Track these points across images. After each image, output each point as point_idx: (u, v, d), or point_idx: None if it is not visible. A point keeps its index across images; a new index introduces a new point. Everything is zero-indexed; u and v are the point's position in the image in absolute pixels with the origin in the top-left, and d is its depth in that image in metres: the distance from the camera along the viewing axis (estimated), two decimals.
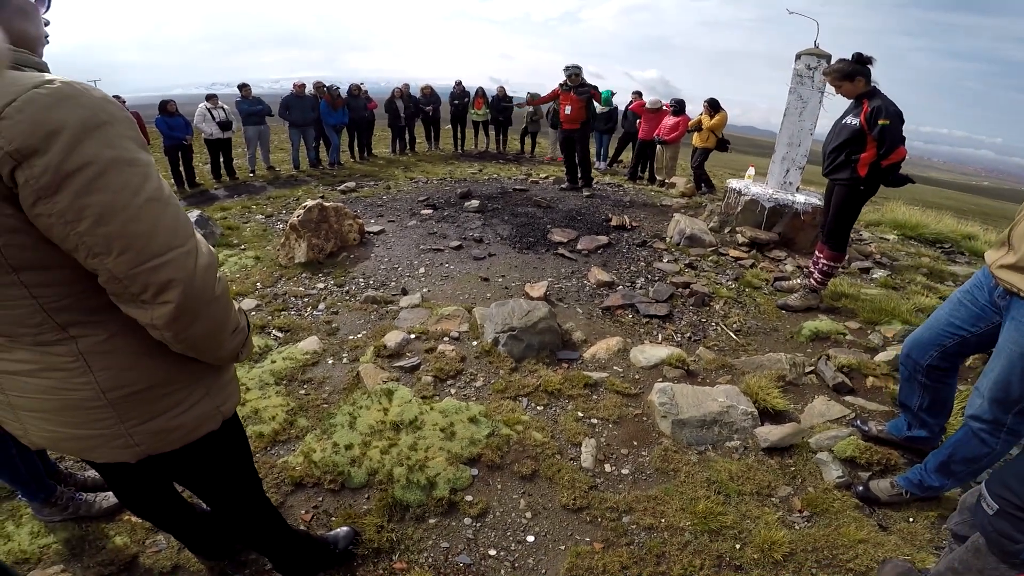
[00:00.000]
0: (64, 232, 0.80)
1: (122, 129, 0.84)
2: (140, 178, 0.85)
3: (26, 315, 0.90)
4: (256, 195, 8.00)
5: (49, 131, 0.75)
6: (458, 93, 12.19)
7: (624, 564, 1.88)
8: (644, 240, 5.38)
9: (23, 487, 1.89)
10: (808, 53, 5.15)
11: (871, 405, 2.79)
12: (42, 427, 1.03)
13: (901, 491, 2.15)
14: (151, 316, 0.91)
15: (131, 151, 0.85)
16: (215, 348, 1.05)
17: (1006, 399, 1.76)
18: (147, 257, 0.85)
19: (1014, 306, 1.73)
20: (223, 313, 1.02)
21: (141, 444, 1.07)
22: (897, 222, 7.06)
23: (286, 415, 2.63)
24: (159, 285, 0.87)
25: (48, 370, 0.96)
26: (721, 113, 8.21)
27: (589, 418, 2.69)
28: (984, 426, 1.85)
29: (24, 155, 0.75)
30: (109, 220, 0.81)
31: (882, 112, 3.13)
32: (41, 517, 1.97)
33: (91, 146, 0.79)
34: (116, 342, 0.98)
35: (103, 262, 0.83)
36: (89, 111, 0.80)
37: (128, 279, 0.85)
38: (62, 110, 0.77)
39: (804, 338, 3.54)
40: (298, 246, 4.77)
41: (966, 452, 1.93)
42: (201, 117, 8.51)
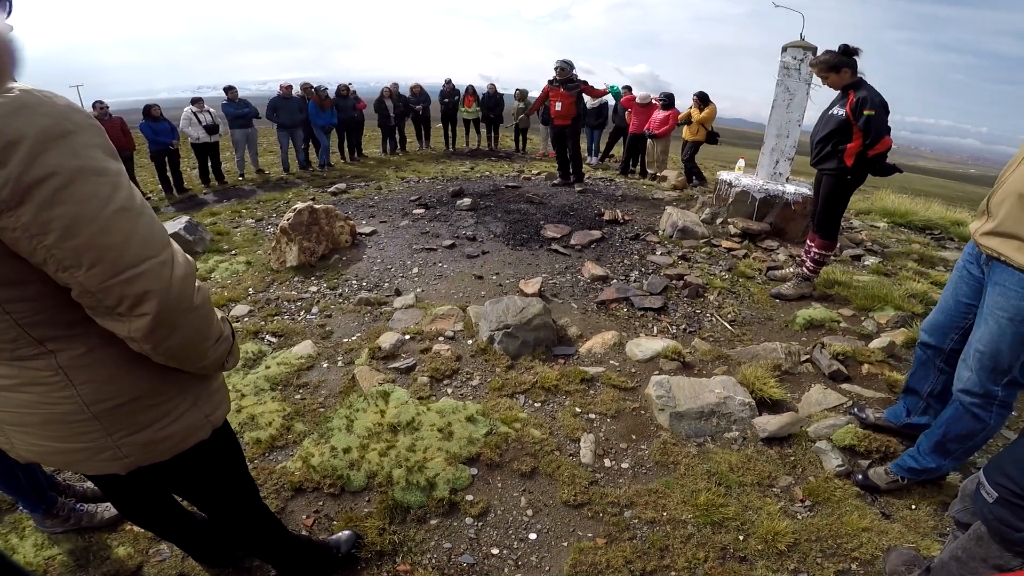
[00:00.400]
0: (31, 246, 0.78)
1: (88, 138, 0.81)
2: (109, 188, 0.82)
3: (1, 331, 0.88)
4: (246, 199, 7.94)
5: (7, 141, 0.72)
6: (448, 91, 12.13)
7: (628, 558, 1.88)
8: (637, 233, 5.38)
9: (24, 499, 1.87)
10: (794, 46, 5.18)
11: (868, 392, 2.80)
12: (27, 441, 1.02)
13: (896, 478, 2.16)
14: (128, 329, 0.88)
15: (99, 160, 0.82)
16: (197, 358, 1.03)
17: (995, 368, 1.76)
18: (120, 269, 0.83)
19: (996, 271, 1.75)
20: (203, 323, 0.99)
21: (130, 456, 1.05)
22: (887, 210, 7.10)
23: (283, 420, 2.61)
24: (134, 297, 0.85)
25: (28, 384, 0.94)
26: (710, 106, 8.22)
27: (587, 413, 2.68)
28: (975, 400, 1.85)
29: None
30: (77, 232, 0.78)
31: (867, 103, 3.17)
32: (43, 529, 1.95)
33: (54, 156, 0.76)
34: (96, 355, 0.96)
35: (74, 275, 0.81)
36: (51, 120, 0.77)
37: (101, 292, 0.83)
38: (20, 119, 0.74)
39: (798, 327, 3.55)
40: (289, 250, 4.73)
41: (960, 429, 1.93)
42: (187, 121, 8.44)
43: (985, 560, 1.27)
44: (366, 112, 11.18)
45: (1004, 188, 1.70)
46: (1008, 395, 1.80)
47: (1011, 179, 1.68)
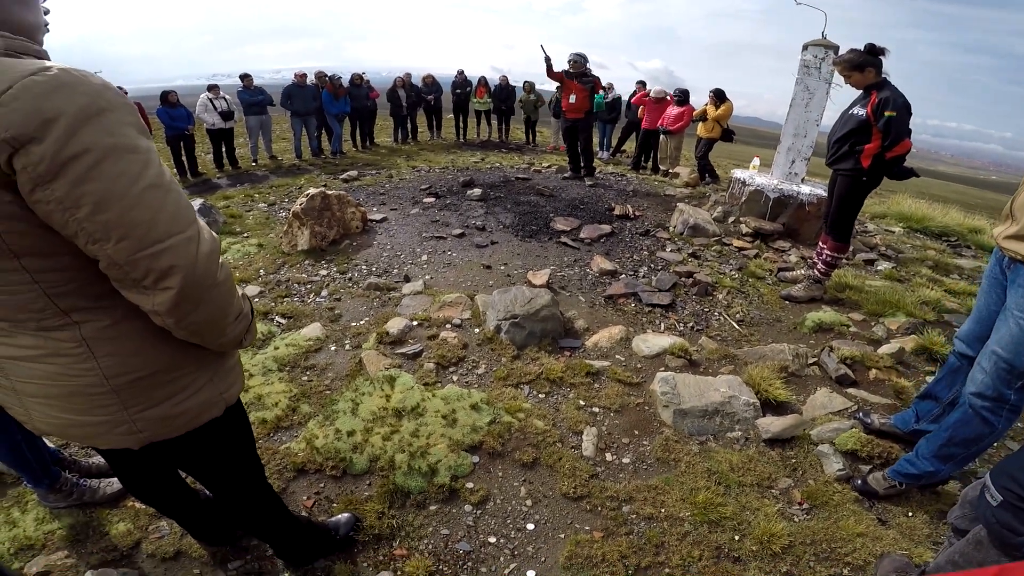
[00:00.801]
0: (63, 219, 0.80)
1: (122, 116, 0.83)
2: (140, 165, 0.84)
3: (29, 300, 0.89)
4: (259, 184, 7.99)
5: (45, 119, 0.75)
6: (460, 82, 12.11)
7: (623, 553, 1.88)
8: (647, 229, 5.35)
9: (28, 473, 1.90)
10: (815, 44, 5.10)
11: (874, 398, 2.77)
12: (46, 413, 1.03)
13: (895, 483, 2.15)
14: (153, 302, 0.90)
15: (131, 138, 0.84)
16: (217, 334, 1.04)
17: (1010, 371, 1.75)
18: (147, 244, 0.85)
19: (1018, 273, 1.74)
20: (225, 299, 1.01)
21: (144, 431, 1.07)
22: (903, 214, 7.01)
23: (289, 401, 2.64)
24: (160, 271, 0.87)
25: (52, 356, 0.95)
26: (727, 103, 8.14)
27: (591, 407, 2.69)
28: (987, 403, 1.83)
29: (20, 143, 0.74)
30: (108, 207, 0.81)
31: (889, 103, 3.10)
32: (46, 503, 1.98)
33: (89, 133, 0.78)
34: (119, 328, 0.97)
35: (103, 248, 0.83)
36: (87, 98, 0.79)
37: (128, 265, 0.85)
38: (59, 97, 0.76)
39: (807, 329, 3.53)
40: (301, 234, 4.76)
41: (967, 433, 1.91)
42: (203, 107, 8.52)
43: (983, 564, 1.28)
44: (379, 101, 11.20)
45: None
46: (1020, 400, 1.79)
47: None
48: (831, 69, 5.06)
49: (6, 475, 2.14)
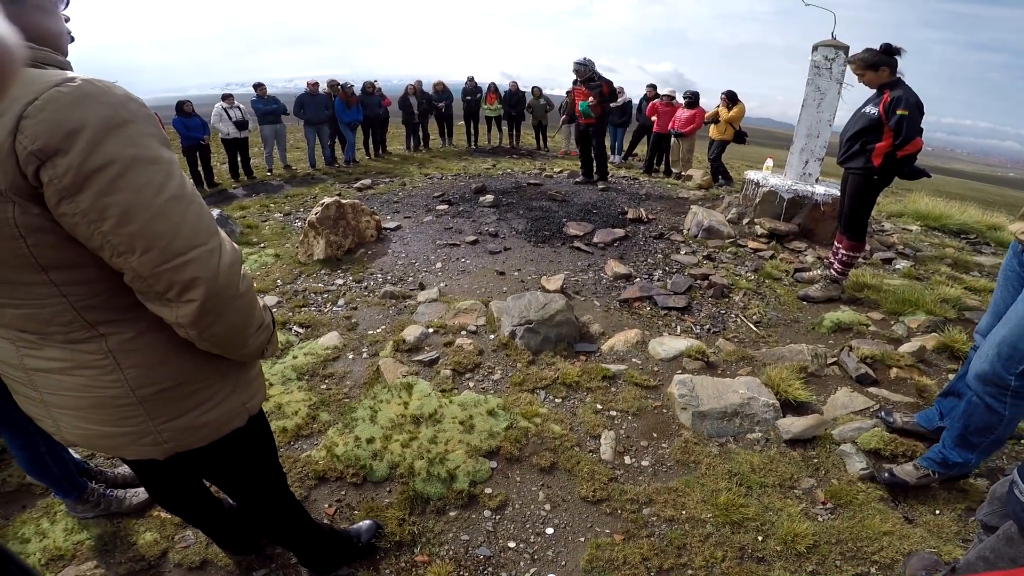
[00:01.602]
0: (89, 231, 0.81)
1: (144, 127, 0.83)
2: (162, 176, 0.84)
3: (56, 313, 0.90)
4: (274, 193, 8.10)
5: (70, 130, 0.75)
6: (470, 89, 12.19)
7: (645, 556, 1.88)
8: (661, 232, 5.34)
9: (55, 485, 1.92)
10: (825, 45, 5.09)
11: (895, 396, 2.74)
12: (74, 424, 1.04)
13: (928, 472, 2.12)
14: (176, 314, 0.91)
15: (153, 149, 0.84)
16: (240, 345, 1.05)
17: (1012, 356, 1.74)
18: (170, 256, 0.85)
19: None
20: (247, 310, 1.02)
21: (169, 442, 1.08)
22: (920, 213, 6.91)
23: (308, 410, 2.67)
24: (183, 283, 0.87)
25: (79, 368, 0.97)
26: (739, 105, 8.11)
27: (608, 410, 2.68)
28: (988, 389, 1.82)
29: (47, 154, 0.75)
30: (132, 219, 0.81)
31: (901, 102, 3.10)
32: (74, 514, 2.01)
33: (113, 145, 0.78)
34: (144, 340, 0.98)
35: (127, 261, 0.83)
36: (111, 109, 0.79)
37: (152, 278, 0.85)
38: (83, 108, 0.76)
39: (826, 329, 3.49)
40: (317, 243, 4.81)
41: (978, 422, 1.90)
42: (218, 117, 8.61)
43: (1014, 560, 1.25)
44: (390, 109, 11.28)
45: None
46: (1021, 385, 1.77)
47: None
48: (842, 69, 5.03)
49: (35, 486, 2.18)
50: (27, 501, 2.14)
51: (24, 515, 2.06)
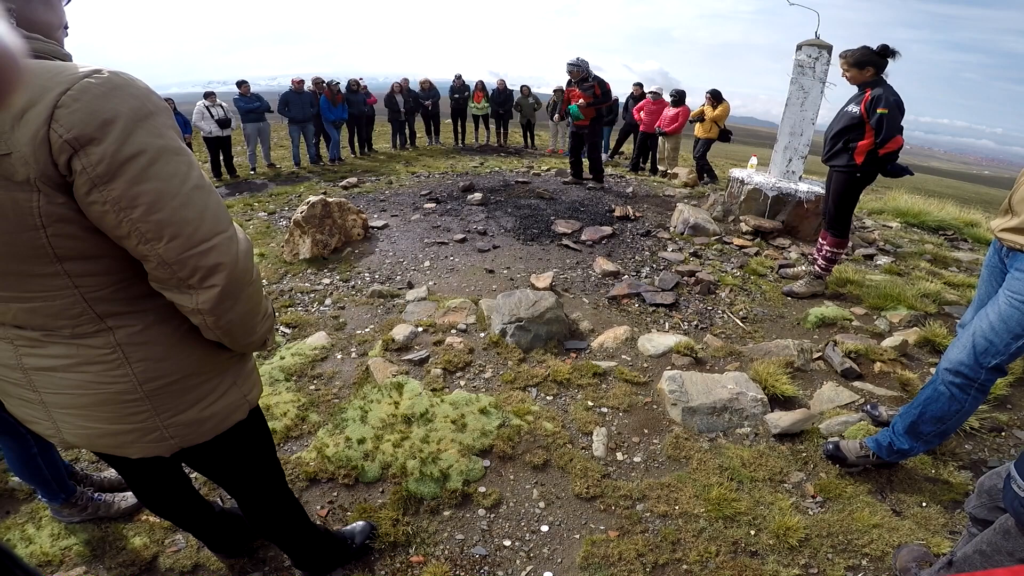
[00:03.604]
0: (117, 219, 0.82)
1: (165, 119, 0.86)
2: (186, 166, 0.87)
3: (66, 306, 0.90)
4: (258, 192, 7.99)
5: (104, 119, 0.77)
6: (458, 87, 12.17)
7: (640, 551, 1.89)
8: (648, 230, 5.37)
9: (44, 487, 1.88)
10: (809, 44, 5.16)
11: (880, 390, 2.79)
12: (76, 424, 1.03)
13: (869, 452, 2.18)
14: (196, 301, 0.92)
15: (175, 140, 0.87)
16: (248, 332, 1.06)
17: (987, 349, 1.80)
18: (197, 241, 0.87)
19: (1017, 260, 1.79)
20: (257, 297, 1.04)
21: (175, 437, 1.08)
22: (900, 210, 7.04)
23: (297, 411, 2.64)
24: (207, 269, 0.89)
25: (84, 364, 0.96)
26: (723, 104, 8.20)
27: (599, 407, 2.70)
28: (956, 380, 1.88)
29: (81, 143, 0.76)
30: (162, 207, 0.83)
31: (881, 101, 3.19)
32: (60, 518, 1.97)
33: (143, 135, 0.81)
34: (150, 333, 0.99)
35: (154, 248, 0.85)
36: (139, 100, 0.81)
37: (178, 264, 0.87)
38: (115, 99, 0.78)
39: (811, 324, 3.55)
40: (302, 242, 4.76)
41: (936, 410, 1.95)
42: (200, 115, 8.48)
43: (1012, 554, 1.27)
44: (376, 107, 11.22)
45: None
46: (988, 380, 1.84)
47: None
48: (825, 68, 5.11)
49: (18, 491, 2.13)
50: (10, 506, 2.08)
51: (8, 520, 2.01)
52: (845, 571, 1.84)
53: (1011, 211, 1.82)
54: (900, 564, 1.81)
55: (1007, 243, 1.82)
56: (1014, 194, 1.80)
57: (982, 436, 2.48)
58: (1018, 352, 1.77)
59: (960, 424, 1.99)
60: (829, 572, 1.84)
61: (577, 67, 6.83)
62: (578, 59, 6.90)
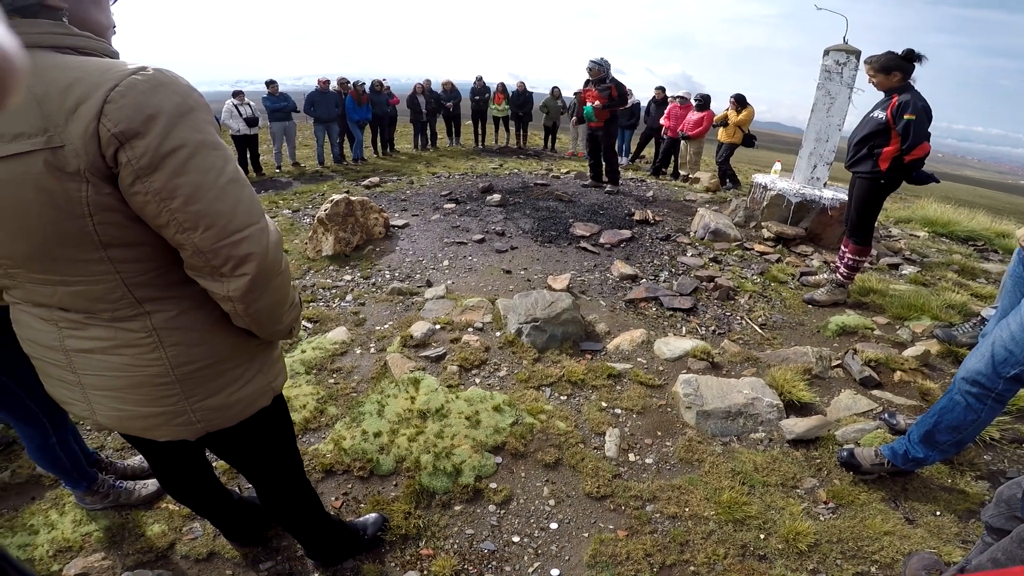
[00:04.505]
0: (157, 209, 0.86)
1: (205, 115, 0.91)
2: (222, 161, 0.91)
3: (108, 290, 0.95)
4: (283, 190, 8.15)
5: (149, 115, 0.81)
6: (479, 88, 12.24)
7: (648, 552, 1.90)
8: (668, 234, 5.35)
9: (65, 475, 1.93)
10: (837, 49, 5.09)
11: (899, 399, 2.75)
12: (110, 406, 1.08)
13: (884, 460, 2.16)
14: (228, 288, 0.96)
15: (213, 135, 0.91)
16: (276, 320, 1.10)
17: (1006, 359, 1.76)
18: (230, 232, 0.92)
19: None
20: (286, 286, 1.08)
21: (201, 421, 1.12)
22: (927, 219, 6.89)
23: (316, 403, 2.70)
24: (239, 258, 0.94)
25: (122, 347, 1.01)
26: (748, 108, 8.12)
27: (613, 408, 2.71)
28: (973, 389, 1.85)
29: (127, 137, 0.81)
30: (199, 198, 0.88)
31: (909, 107, 3.13)
32: (83, 505, 2.02)
33: (183, 130, 0.85)
34: (185, 318, 1.03)
35: (190, 237, 0.89)
36: (181, 97, 0.86)
37: (211, 252, 0.91)
38: (159, 95, 0.83)
39: (831, 332, 3.50)
40: (325, 239, 4.86)
41: (952, 420, 1.92)
42: (228, 113, 8.67)
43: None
44: (398, 108, 11.34)
45: None
46: (1007, 390, 1.80)
47: None
48: (853, 73, 5.04)
49: (45, 478, 2.20)
50: (36, 492, 2.16)
51: (33, 506, 2.08)
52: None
53: None
54: (910, 572, 1.79)
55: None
56: None
57: (1002, 447, 2.43)
58: None
59: (977, 434, 1.96)
60: None
61: (599, 66, 6.69)
62: (601, 59, 6.77)
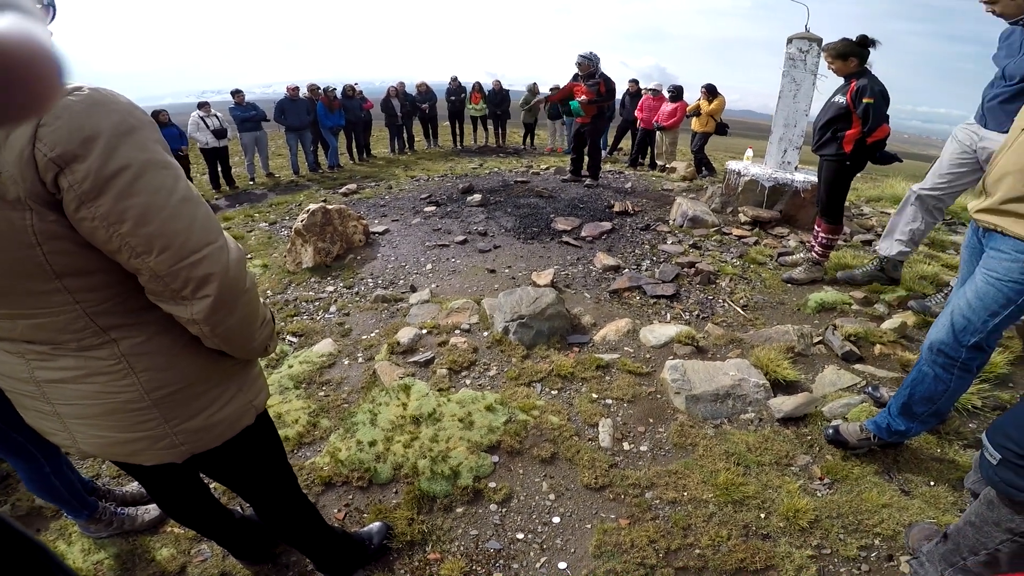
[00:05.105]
0: (107, 234, 0.83)
1: (150, 133, 0.87)
2: (172, 179, 0.88)
3: (70, 320, 0.92)
4: (258, 203, 8.04)
5: (87, 136, 0.77)
6: (454, 89, 12.19)
7: (652, 538, 1.92)
8: (648, 224, 5.41)
9: (65, 505, 1.91)
10: (799, 37, 5.23)
11: (881, 372, 2.82)
12: (90, 434, 1.06)
13: (869, 435, 2.22)
14: (191, 311, 0.94)
15: (161, 154, 0.87)
16: (248, 339, 1.08)
17: (966, 327, 1.83)
18: (186, 253, 0.89)
19: (994, 240, 1.82)
20: (254, 304, 1.06)
21: (185, 443, 1.11)
22: (897, 197, 7.04)
23: (308, 417, 2.68)
24: (199, 280, 0.91)
25: (92, 375, 0.98)
26: (719, 98, 8.24)
27: (604, 399, 2.73)
28: (939, 359, 1.91)
29: (66, 161, 0.77)
30: (150, 220, 0.84)
31: (867, 91, 3.25)
32: (88, 534, 2.00)
33: (126, 150, 0.81)
34: (154, 343, 1.01)
35: (145, 261, 0.86)
36: (120, 116, 0.82)
37: (170, 276, 0.89)
38: (97, 116, 0.79)
39: (810, 310, 3.58)
40: (304, 251, 4.81)
41: (924, 391, 1.98)
42: (195, 126, 8.47)
43: (998, 524, 1.29)
44: (373, 112, 11.24)
45: (997, 169, 1.77)
46: (971, 359, 1.86)
47: (1003, 161, 1.75)
48: (816, 60, 5.16)
49: (46, 509, 2.16)
50: (40, 524, 2.12)
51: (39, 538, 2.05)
52: (858, 551, 1.88)
53: (985, 192, 1.84)
54: (913, 542, 1.84)
55: (982, 223, 1.85)
56: (988, 176, 1.82)
57: (986, 415, 2.50)
58: (995, 330, 1.79)
59: (951, 403, 2.02)
60: (842, 552, 1.87)
61: (589, 61, 6.58)
62: (591, 53, 6.64)
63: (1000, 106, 2.73)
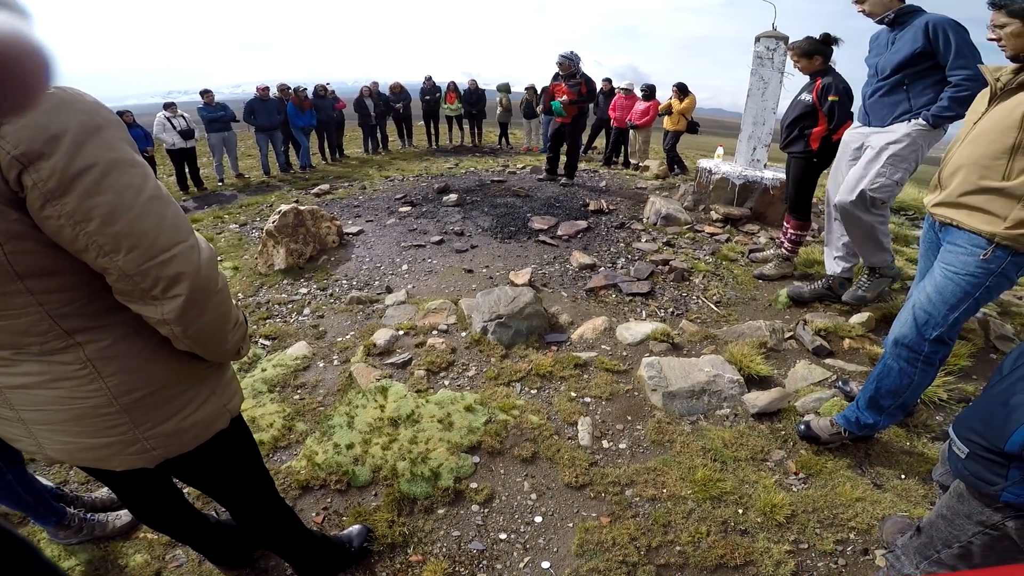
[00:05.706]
0: (73, 233, 0.82)
1: (116, 132, 0.86)
2: (140, 178, 0.87)
3: (32, 323, 0.90)
4: (227, 204, 7.85)
5: (52, 135, 0.76)
6: (429, 88, 12.10)
7: (632, 535, 1.94)
8: (622, 222, 5.46)
9: (31, 511, 1.86)
10: (767, 36, 5.31)
11: (850, 366, 2.90)
12: (57, 440, 1.03)
13: (840, 430, 2.28)
14: (162, 311, 0.92)
15: (128, 152, 0.86)
16: (220, 341, 1.06)
17: (927, 321, 1.88)
18: (156, 252, 0.87)
19: (949, 233, 1.87)
20: (226, 305, 1.04)
21: (157, 448, 1.08)
22: None
23: (283, 421, 2.63)
24: (169, 279, 0.89)
25: (57, 380, 0.96)
26: (690, 96, 8.36)
27: (582, 397, 2.75)
28: (903, 352, 1.96)
29: (30, 159, 0.76)
30: (117, 219, 0.83)
31: (832, 89, 3.34)
32: (58, 540, 1.95)
33: (93, 148, 0.80)
34: (121, 347, 0.99)
35: (113, 260, 0.85)
36: (87, 115, 0.81)
37: (139, 275, 0.87)
38: (62, 114, 0.78)
39: (781, 305, 3.66)
40: (276, 252, 4.71)
41: (889, 384, 2.04)
42: (160, 127, 8.25)
43: (969, 516, 1.31)
44: (346, 112, 11.09)
45: (951, 163, 1.82)
46: (933, 352, 1.92)
47: (957, 154, 1.80)
48: (783, 58, 5.26)
49: (12, 515, 2.09)
50: None
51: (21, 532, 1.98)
52: (834, 545, 1.92)
53: (940, 186, 1.89)
54: (887, 536, 1.88)
55: (938, 217, 1.90)
56: (942, 170, 1.87)
57: (951, 407, 2.59)
58: (956, 323, 1.85)
59: (917, 396, 2.08)
60: (819, 546, 1.91)
61: (569, 60, 6.54)
62: (571, 52, 6.61)
63: (880, 100, 2.88)
